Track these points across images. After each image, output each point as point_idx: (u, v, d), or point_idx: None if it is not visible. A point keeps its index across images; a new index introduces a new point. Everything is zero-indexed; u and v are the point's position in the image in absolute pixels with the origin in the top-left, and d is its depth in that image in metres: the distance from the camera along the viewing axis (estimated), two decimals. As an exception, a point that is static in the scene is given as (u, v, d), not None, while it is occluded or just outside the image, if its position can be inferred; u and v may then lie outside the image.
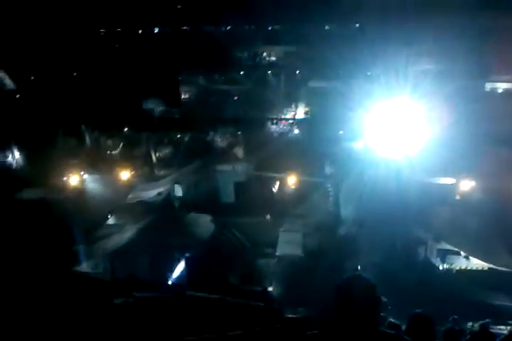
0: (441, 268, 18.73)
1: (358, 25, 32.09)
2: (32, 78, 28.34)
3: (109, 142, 27.73)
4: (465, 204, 20.74)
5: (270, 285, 18.48)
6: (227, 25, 38.73)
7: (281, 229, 22.18)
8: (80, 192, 23.54)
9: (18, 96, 27.05)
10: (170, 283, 19.51)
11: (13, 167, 25.13)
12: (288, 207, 23.98)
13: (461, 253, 18.64)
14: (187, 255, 19.62)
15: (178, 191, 25.02)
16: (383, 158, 23.73)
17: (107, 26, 36.87)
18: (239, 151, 27.83)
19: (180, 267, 19.68)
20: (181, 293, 4.31)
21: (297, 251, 20.92)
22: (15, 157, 25.26)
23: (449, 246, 19.06)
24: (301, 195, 24.71)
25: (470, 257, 18.03)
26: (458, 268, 19.06)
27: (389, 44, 22.47)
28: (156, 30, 39.72)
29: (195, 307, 5.12)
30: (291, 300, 17.90)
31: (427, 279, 18.16)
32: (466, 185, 22.40)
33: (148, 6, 35.12)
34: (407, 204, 19.54)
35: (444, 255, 19.29)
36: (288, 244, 21.15)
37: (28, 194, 21.96)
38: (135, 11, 34.53)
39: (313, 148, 28.32)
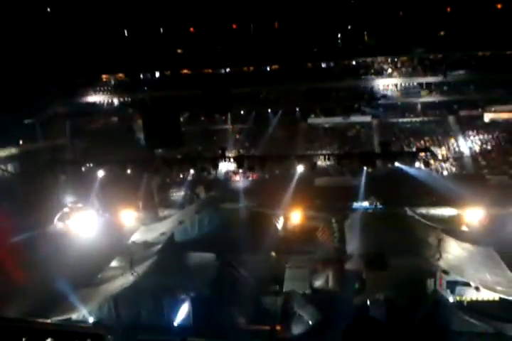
0: (451, 300, 18.30)
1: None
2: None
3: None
4: (472, 234, 20.54)
5: (278, 324, 18.03)
6: (227, 68, 40.00)
7: (288, 266, 21.89)
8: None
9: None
10: (175, 324, 19.11)
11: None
12: (293, 243, 23.78)
13: (471, 284, 18.26)
14: (192, 295, 19.30)
15: (182, 231, 24.91)
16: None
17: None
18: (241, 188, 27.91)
19: (185, 308, 19.30)
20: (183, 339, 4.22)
21: (304, 288, 20.57)
22: None
23: (458, 278, 18.68)
24: (306, 230, 24.57)
25: (480, 288, 17.62)
26: (469, 299, 18.63)
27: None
28: (157, 74, 40.97)
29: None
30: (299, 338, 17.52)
31: (438, 312, 17.78)
32: (472, 215, 22.27)
33: (149, 51, 36.44)
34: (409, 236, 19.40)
35: (453, 287, 18.91)
36: (294, 281, 20.81)
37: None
38: (138, 55, 35.79)
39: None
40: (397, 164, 25.95)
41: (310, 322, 18.52)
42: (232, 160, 27.65)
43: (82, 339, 3.88)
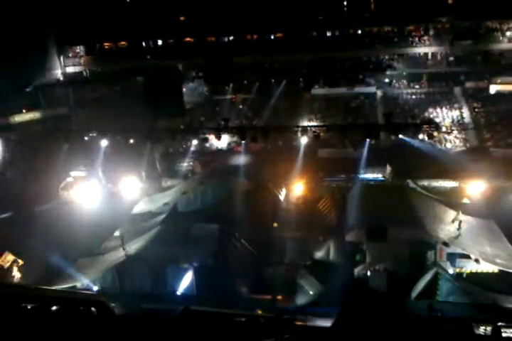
0: (451, 272, 18.56)
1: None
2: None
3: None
4: (473, 207, 20.61)
5: (279, 294, 18.36)
6: (230, 36, 39.27)
7: (289, 237, 22.11)
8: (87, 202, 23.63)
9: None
10: (178, 293, 19.47)
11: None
12: (295, 214, 23.92)
13: (471, 256, 18.46)
14: (195, 265, 19.59)
15: (185, 201, 25.02)
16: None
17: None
18: (244, 159, 27.85)
19: (188, 277, 19.63)
20: (186, 308, 4.28)
21: (305, 259, 20.84)
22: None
23: (458, 250, 18.87)
24: (308, 202, 24.64)
25: (480, 260, 17.83)
26: (468, 271, 18.90)
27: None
28: (160, 42, 40.28)
29: (201, 322, 5.07)
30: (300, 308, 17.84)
31: (438, 283, 18.05)
32: (475, 188, 22.26)
33: (152, 19, 35.73)
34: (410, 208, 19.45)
35: (453, 259, 19.14)
36: (296, 252, 21.06)
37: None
38: (140, 22, 35.14)
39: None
40: (400, 136, 25.86)
41: (311, 292, 18.86)
42: (234, 130, 27.55)
43: (86, 306, 3.94)
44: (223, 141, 31.34)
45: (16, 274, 18.62)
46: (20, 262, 18.63)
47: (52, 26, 33.74)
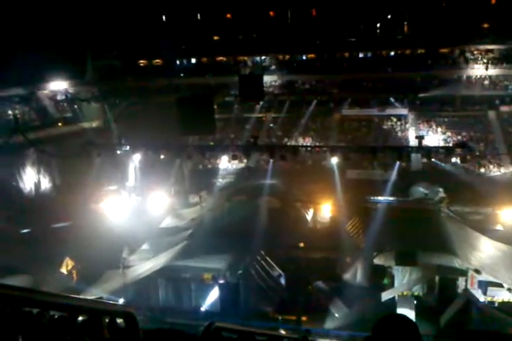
0: (482, 300, 17.95)
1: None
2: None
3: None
4: (507, 234, 20.02)
5: (304, 315, 18.09)
6: (262, 55, 39.77)
7: (316, 258, 21.87)
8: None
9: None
10: (202, 309, 19.40)
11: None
12: (322, 235, 23.68)
13: (504, 285, 17.87)
14: (220, 281, 19.51)
15: (211, 218, 25.10)
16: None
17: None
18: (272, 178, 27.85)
19: (213, 293, 19.56)
20: (211, 324, 4.23)
21: (332, 281, 20.52)
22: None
23: (490, 278, 18.31)
24: (336, 223, 24.39)
25: (513, 290, 17.26)
26: (500, 300, 18.26)
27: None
28: (193, 60, 41.09)
29: (223, 340, 5.01)
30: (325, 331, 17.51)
31: (468, 311, 17.46)
32: (509, 214, 21.71)
33: (186, 38, 36.58)
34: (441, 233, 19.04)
35: (485, 287, 18.56)
36: (322, 273, 20.79)
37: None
38: (175, 41, 35.98)
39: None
40: (432, 159, 25.46)
41: (337, 315, 18.50)
42: (264, 148, 27.61)
43: (113, 316, 3.94)
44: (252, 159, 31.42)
45: (75, 278, 20.32)
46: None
47: (90, 42, 34.83)
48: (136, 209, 25.17)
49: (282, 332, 15.04)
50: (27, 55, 24.06)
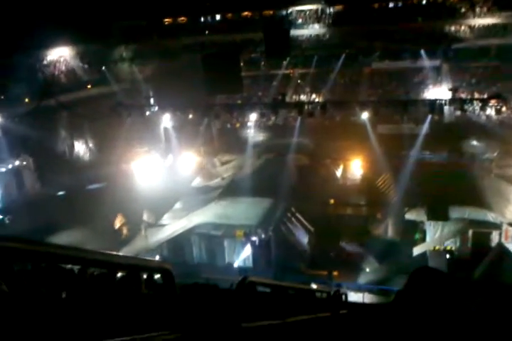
0: (516, 254, 17.81)
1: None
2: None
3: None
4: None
5: (335, 270, 18.36)
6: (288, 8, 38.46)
7: (346, 214, 21.97)
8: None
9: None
10: (235, 266, 19.90)
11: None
12: (352, 191, 23.65)
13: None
14: (252, 238, 19.86)
15: (242, 176, 25.26)
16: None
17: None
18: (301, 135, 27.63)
19: (245, 250, 19.98)
20: (244, 279, 4.34)
21: (362, 236, 20.63)
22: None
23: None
24: (366, 179, 24.27)
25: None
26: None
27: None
28: (218, 17, 40.12)
29: (257, 294, 5.13)
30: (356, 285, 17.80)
31: (502, 265, 17.37)
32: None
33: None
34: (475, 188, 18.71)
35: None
36: (353, 229, 20.89)
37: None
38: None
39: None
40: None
41: (367, 270, 18.73)
42: (292, 105, 27.28)
43: (151, 272, 4.07)
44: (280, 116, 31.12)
45: (126, 233, 21.38)
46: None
47: (115, 3, 34.28)
48: (168, 169, 25.54)
49: (314, 286, 15.39)
50: (53, 18, 23.94)
